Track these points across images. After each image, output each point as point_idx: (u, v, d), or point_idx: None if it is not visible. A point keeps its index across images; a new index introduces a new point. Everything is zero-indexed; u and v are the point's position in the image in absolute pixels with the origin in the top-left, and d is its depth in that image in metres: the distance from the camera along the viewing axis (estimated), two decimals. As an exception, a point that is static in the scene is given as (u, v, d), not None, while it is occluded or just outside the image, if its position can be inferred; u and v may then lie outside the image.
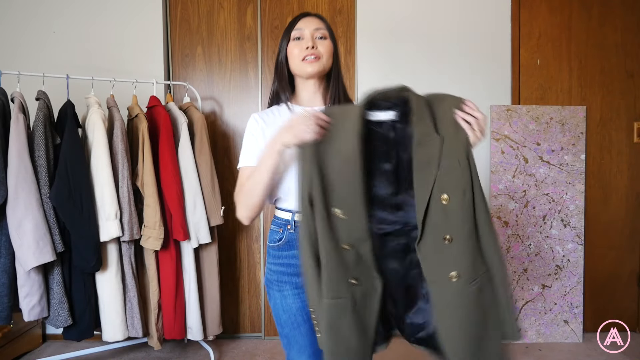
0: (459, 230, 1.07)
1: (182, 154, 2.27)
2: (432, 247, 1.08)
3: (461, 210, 1.07)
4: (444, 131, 1.09)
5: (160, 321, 2.25)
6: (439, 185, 1.06)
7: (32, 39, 2.66)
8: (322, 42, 1.33)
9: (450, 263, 1.07)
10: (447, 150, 1.08)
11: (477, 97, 2.77)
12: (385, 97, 1.12)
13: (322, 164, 1.09)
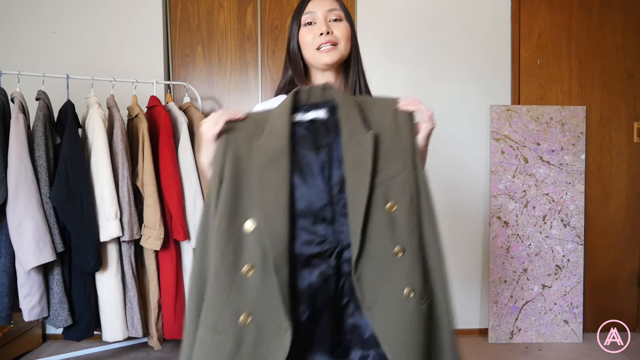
0: (408, 240, 0.92)
1: (182, 154, 2.27)
2: (377, 263, 0.90)
3: (409, 219, 0.93)
4: (379, 130, 0.95)
5: (160, 321, 2.25)
6: (384, 191, 0.92)
7: (32, 39, 2.66)
8: (338, 25, 1.16)
9: (403, 279, 0.90)
10: (386, 151, 0.94)
11: (477, 97, 2.77)
12: (311, 96, 0.99)
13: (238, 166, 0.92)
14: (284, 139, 0.91)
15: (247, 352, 0.86)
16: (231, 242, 0.88)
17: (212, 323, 0.87)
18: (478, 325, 2.85)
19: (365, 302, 0.89)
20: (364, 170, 0.90)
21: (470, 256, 2.83)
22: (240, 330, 0.86)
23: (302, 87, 0.99)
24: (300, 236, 0.91)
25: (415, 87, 2.76)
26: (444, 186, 2.78)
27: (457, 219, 2.81)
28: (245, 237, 0.89)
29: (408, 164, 0.94)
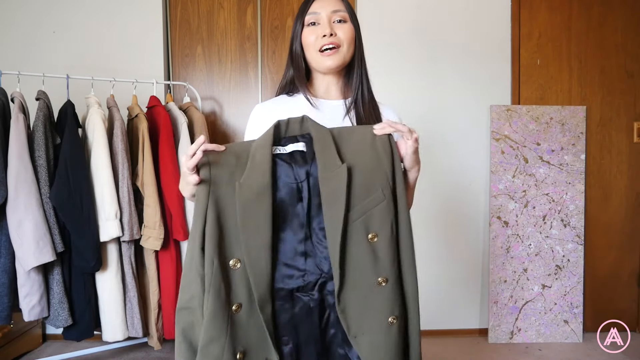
0: (390, 269, 0.93)
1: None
2: (360, 294, 0.92)
3: (390, 248, 0.94)
4: (356, 161, 0.96)
5: (160, 321, 2.25)
6: (364, 222, 0.93)
7: (32, 39, 2.66)
8: (342, 27, 1.12)
9: (387, 307, 0.93)
10: (364, 181, 0.95)
11: (477, 97, 2.77)
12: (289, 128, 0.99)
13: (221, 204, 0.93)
14: (266, 178, 0.92)
15: None
16: (224, 281, 0.90)
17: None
18: (478, 325, 2.85)
19: (351, 332, 0.92)
20: (339, 203, 0.91)
21: (470, 256, 2.83)
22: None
23: (281, 120, 0.99)
24: (280, 270, 0.93)
25: (415, 88, 2.76)
26: (444, 186, 2.78)
27: (457, 219, 2.81)
28: (233, 275, 0.91)
29: (388, 193, 0.95)
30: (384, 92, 2.81)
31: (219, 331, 0.89)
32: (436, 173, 2.76)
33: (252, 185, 0.92)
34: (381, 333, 0.92)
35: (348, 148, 0.97)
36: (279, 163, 0.96)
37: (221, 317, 0.89)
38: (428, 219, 2.74)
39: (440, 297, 2.80)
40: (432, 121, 2.70)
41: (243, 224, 0.91)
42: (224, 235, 0.92)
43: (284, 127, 0.99)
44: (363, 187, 0.94)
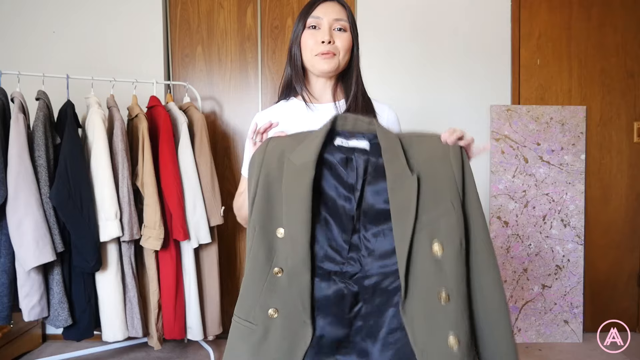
0: (454, 285, 0.89)
1: (182, 154, 2.27)
2: (424, 307, 0.90)
3: (457, 263, 0.90)
4: (426, 170, 0.95)
5: (160, 321, 2.25)
6: (430, 232, 0.91)
7: (32, 39, 2.66)
8: (341, 35, 1.17)
9: (447, 326, 0.88)
10: (432, 191, 0.93)
11: (477, 97, 2.77)
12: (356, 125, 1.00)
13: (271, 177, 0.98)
14: (312, 156, 0.95)
15: (274, 340, 0.94)
16: (264, 245, 0.96)
17: (245, 314, 0.97)
18: (478, 325, 2.84)
19: (418, 345, 0.89)
20: (409, 215, 0.91)
21: (470, 256, 2.82)
22: (269, 322, 0.94)
23: (349, 115, 1.01)
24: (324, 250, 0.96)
25: (415, 87, 2.77)
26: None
27: (457, 219, 2.80)
28: (278, 242, 0.96)
29: (457, 205, 0.92)
30: (384, 91, 2.82)
31: (253, 288, 0.96)
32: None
33: (297, 161, 0.96)
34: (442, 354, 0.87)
35: (417, 157, 0.96)
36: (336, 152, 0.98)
37: (258, 276, 0.96)
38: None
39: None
40: (432, 121, 2.70)
41: (287, 195, 0.95)
42: (272, 205, 0.97)
43: (351, 121, 1.00)
44: (431, 197, 0.93)
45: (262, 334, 0.95)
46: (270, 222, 0.97)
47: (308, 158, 0.95)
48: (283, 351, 0.94)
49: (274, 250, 0.96)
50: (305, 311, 0.93)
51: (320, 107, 1.21)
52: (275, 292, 0.96)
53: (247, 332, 0.96)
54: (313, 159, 0.94)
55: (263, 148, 1.01)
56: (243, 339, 0.97)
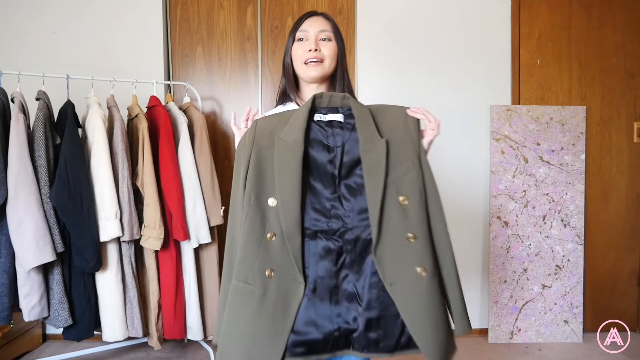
0: (420, 228, 1.10)
1: (182, 154, 2.27)
2: (393, 248, 1.09)
3: (420, 209, 1.11)
4: (390, 135, 1.14)
5: (160, 321, 2.25)
6: (396, 187, 1.10)
7: (32, 39, 2.66)
8: (326, 44, 1.33)
9: (415, 260, 1.09)
10: (396, 153, 1.13)
11: (477, 97, 2.77)
12: (332, 101, 1.18)
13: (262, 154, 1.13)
14: (300, 134, 1.11)
15: (272, 297, 1.08)
16: (258, 214, 1.11)
17: (244, 276, 1.10)
18: (478, 325, 2.85)
19: (387, 280, 1.09)
20: (379, 172, 1.09)
21: (470, 256, 2.83)
22: (266, 282, 1.09)
23: (325, 93, 1.18)
24: (309, 213, 1.12)
25: (415, 87, 2.77)
26: (444, 186, 2.77)
27: (457, 219, 2.81)
28: (269, 211, 1.11)
29: (416, 164, 1.14)
30: (384, 91, 2.82)
31: (251, 252, 1.10)
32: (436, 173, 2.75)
33: (287, 140, 1.12)
34: (412, 282, 1.08)
35: (384, 124, 1.16)
36: (316, 127, 1.16)
37: (254, 241, 1.10)
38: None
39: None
40: (432, 121, 2.70)
41: (278, 170, 1.10)
42: (263, 179, 1.13)
43: (326, 98, 1.17)
44: (395, 158, 1.12)
45: (261, 292, 1.08)
46: (263, 193, 1.12)
47: (297, 136, 1.11)
48: (280, 306, 1.08)
49: (266, 217, 1.11)
50: (298, 270, 1.09)
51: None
52: (269, 255, 1.10)
53: (248, 292, 1.09)
54: (301, 137, 1.11)
55: (253, 128, 1.16)
56: (244, 299, 1.10)
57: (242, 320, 1.09)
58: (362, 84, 2.75)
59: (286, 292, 1.09)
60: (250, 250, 1.10)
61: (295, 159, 1.10)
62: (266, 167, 1.13)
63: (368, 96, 2.73)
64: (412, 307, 1.08)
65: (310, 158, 1.14)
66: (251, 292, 1.09)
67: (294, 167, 1.09)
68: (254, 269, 1.09)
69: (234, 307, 1.11)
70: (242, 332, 1.09)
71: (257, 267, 1.09)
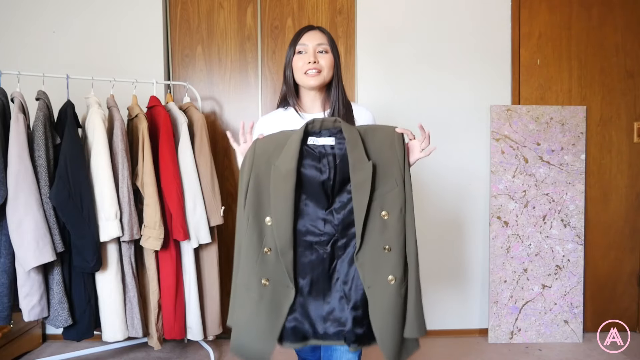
0: (395, 241, 1.27)
1: (182, 154, 2.27)
2: (371, 256, 1.26)
3: (397, 224, 1.27)
4: (377, 156, 1.28)
5: (160, 321, 2.25)
6: (380, 203, 1.27)
7: (32, 39, 2.66)
8: (324, 56, 1.48)
9: (388, 269, 1.26)
10: (382, 172, 1.28)
11: (477, 97, 2.77)
12: (323, 126, 1.31)
13: (259, 178, 1.29)
14: (293, 164, 1.26)
15: (267, 301, 1.28)
16: (256, 231, 1.28)
17: (244, 283, 1.30)
18: (478, 325, 2.85)
19: (366, 283, 1.27)
20: (365, 190, 1.25)
21: (470, 256, 2.83)
22: (262, 289, 1.28)
23: (316, 119, 1.31)
24: (305, 227, 1.29)
25: (415, 87, 2.77)
26: (444, 186, 2.78)
27: (457, 218, 2.81)
28: (266, 228, 1.28)
29: (400, 182, 1.29)
30: (384, 92, 2.82)
31: (250, 263, 1.29)
32: (436, 173, 2.76)
33: (282, 168, 1.26)
34: (383, 288, 1.27)
35: (372, 145, 1.29)
36: (309, 151, 1.30)
37: (252, 254, 1.28)
38: (428, 219, 2.74)
39: (441, 297, 2.80)
40: (432, 121, 2.70)
41: (273, 195, 1.27)
42: (261, 200, 1.29)
43: (318, 123, 1.31)
44: (382, 176, 1.28)
45: (257, 298, 1.28)
46: (260, 212, 1.29)
47: (290, 165, 1.26)
48: (274, 308, 1.28)
49: (263, 234, 1.29)
50: (290, 279, 1.27)
51: (310, 116, 1.48)
52: (266, 266, 1.28)
53: (248, 297, 1.29)
54: (294, 166, 1.26)
55: (252, 151, 1.31)
56: (245, 302, 1.31)
57: (244, 318, 1.31)
58: (362, 83, 2.75)
59: (279, 297, 1.28)
60: (250, 261, 1.28)
61: (288, 187, 1.25)
62: (263, 190, 1.29)
63: (367, 96, 2.73)
64: (378, 308, 1.26)
65: (305, 179, 1.28)
66: (250, 297, 1.28)
67: (287, 195, 1.25)
68: (253, 278, 1.28)
69: (238, 304, 1.33)
70: (244, 327, 1.32)
71: (255, 276, 1.28)
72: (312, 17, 2.77)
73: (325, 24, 2.77)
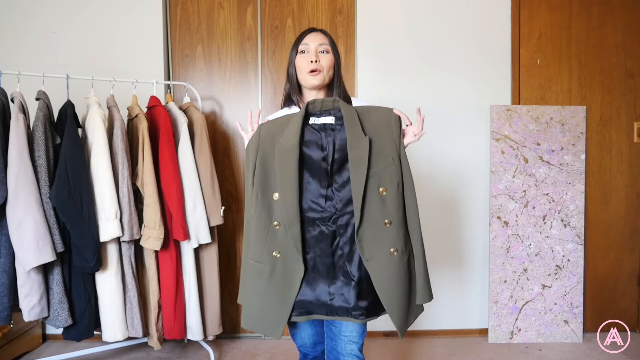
0: (395, 215, 1.32)
1: (182, 154, 2.27)
2: (372, 231, 1.32)
3: (396, 199, 1.32)
4: (374, 134, 1.33)
5: (160, 321, 2.25)
6: (377, 180, 1.31)
7: (32, 39, 2.66)
8: (325, 56, 1.54)
9: (389, 242, 1.32)
10: (379, 150, 1.32)
11: (477, 97, 2.77)
12: (323, 106, 1.37)
13: (266, 156, 1.35)
14: (295, 139, 1.32)
15: (279, 274, 1.35)
16: (265, 207, 1.35)
17: (256, 257, 1.37)
18: (478, 325, 2.85)
19: (365, 256, 1.32)
20: (363, 166, 1.30)
21: (470, 256, 2.83)
22: (274, 261, 1.35)
23: (317, 99, 1.38)
24: (307, 204, 1.35)
25: (415, 87, 2.77)
26: (444, 186, 2.78)
27: (457, 218, 2.81)
28: (274, 204, 1.35)
29: (396, 160, 1.34)
30: (384, 92, 2.82)
31: (261, 237, 1.35)
32: (436, 173, 2.76)
33: (285, 144, 1.33)
34: (385, 260, 1.32)
35: (369, 124, 1.35)
36: (311, 130, 1.36)
37: (263, 228, 1.35)
38: (428, 218, 2.75)
39: (441, 297, 2.80)
40: (432, 121, 2.69)
41: (279, 170, 1.32)
42: (268, 177, 1.35)
43: (318, 103, 1.37)
44: (378, 153, 1.32)
45: (270, 270, 1.34)
46: (268, 189, 1.35)
47: (293, 141, 1.32)
48: (286, 281, 1.34)
49: (272, 209, 1.35)
50: (298, 252, 1.33)
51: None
52: (276, 239, 1.34)
53: (259, 269, 1.36)
54: (297, 141, 1.32)
55: (257, 133, 1.38)
56: (256, 275, 1.36)
57: (257, 290, 1.37)
58: (362, 83, 2.75)
59: (291, 269, 1.34)
60: (260, 235, 1.35)
61: (292, 160, 1.31)
62: (270, 168, 1.34)
63: (367, 96, 2.73)
64: (383, 279, 1.32)
65: (307, 157, 1.34)
66: (262, 269, 1.35)
67: (291, 168, 1.31)
68: (264, 251, 1.34)
69: (250, 280, 1.39)
70: (257, 300, 1.37)
71: (266, 249, 1.34)
72: (312, 17, 2.77)
73: (325, 24, 2.77)
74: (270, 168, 1.34)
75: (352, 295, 1.34)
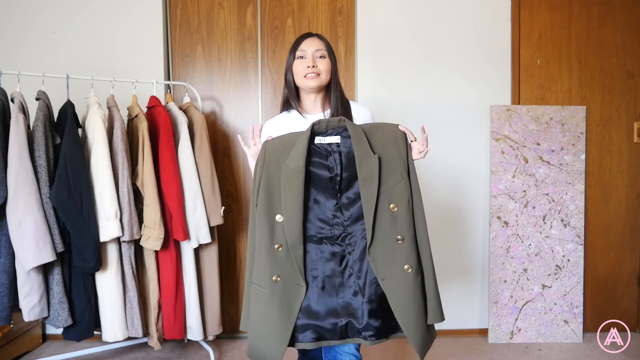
0: (407, 231, 1.32)
1: (182, 154, 2.27)
2: (384, 248, 1.31)
3: (407, 215, 1.32)
4: (382, 151, 1.33)
5: (160, 321, 2.25)
6: (387, 196, 1.31)
7: (32, 39, 2.66)
8: (322, 61, 1.56)
9: (403, 259, 1.31)
10: (388, 167, 1.32)
11: (477, 97, 2.77)
12: (329, 125, 1.37)
13: (270, 178, 1.34)
14: (301, 161, 1.32)
15: (278, 298, 1.32)
16: (267, 228, 1.33)
17: (257, 280, 1.35)
18: (478, 325, 2.85)
19: (380, 276, 1.31)
20: (373, 183, 1.30)
21: (470, 256, 2.83)
22: (274, 285, 1.32)
23: (322, 119, 1.38)
24: (315, 223, 1.34)
25: (415, 87, 2.77)
26: (445, 186, 2.78)
27: (457, 219, 2.81)
28: (276, 225, 1.33)
29: (405, 176, 1.34)
30: (384, 92, 2.82)
31: (262, 259, 1.33)
32: (436, 173, 2.76)
33: (291, 166, 1.32)
34: (400, 278, 1.30)
35: (376, 141, 1.35)
36: (317, 150, 1.36)
37: (263, 251, 1.33)
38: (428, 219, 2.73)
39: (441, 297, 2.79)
40: (432, 121, 2.70)
41: (284, 192, 1.32)
42: (272, 198, 1.34)
43: (324, 123, 1.37)
44: (387, 171, 1.32)
45: (269, 294, 1.32)
46: (271, 210, 1.33)
47: (299, 163, 1.32)
48: (285, 305, 1.31)
49: (273, 231, 1.33)
50: (301, 275, 1.32)
51: (312, 117, 1.57)
52: (277, 262, 1.32)
53: (260, 293, 1.34)
54: (302, 163, 1.32)
55: (263, 152, 1.37)
56: (257, 299, 1.35)
57: (256, 315, 1.35)
58: (362, 83, 2.75)
59: (290, 294, 1.32)
60: (261, 257, 1.33)
61: (298, 183, 1.30)
62: (274, 189, 1.34)
63: (367, 96, 2.73)
64: (399, 298, 1.30)
65: (314, 175, 1.35)
66: (262, 294, 1.33)
67: (297, 190, 1.30)
68: (264, 275, 1.32)
69: (252, 304, 1.37)
70: (256, 325, 1.35)
71: (267, 273, 1.32)
72: (312, 17, 2.77)
73: (325, 24, 2.78)
74: (274, 189, 1.34)
75: (363, 314, 1.32)
